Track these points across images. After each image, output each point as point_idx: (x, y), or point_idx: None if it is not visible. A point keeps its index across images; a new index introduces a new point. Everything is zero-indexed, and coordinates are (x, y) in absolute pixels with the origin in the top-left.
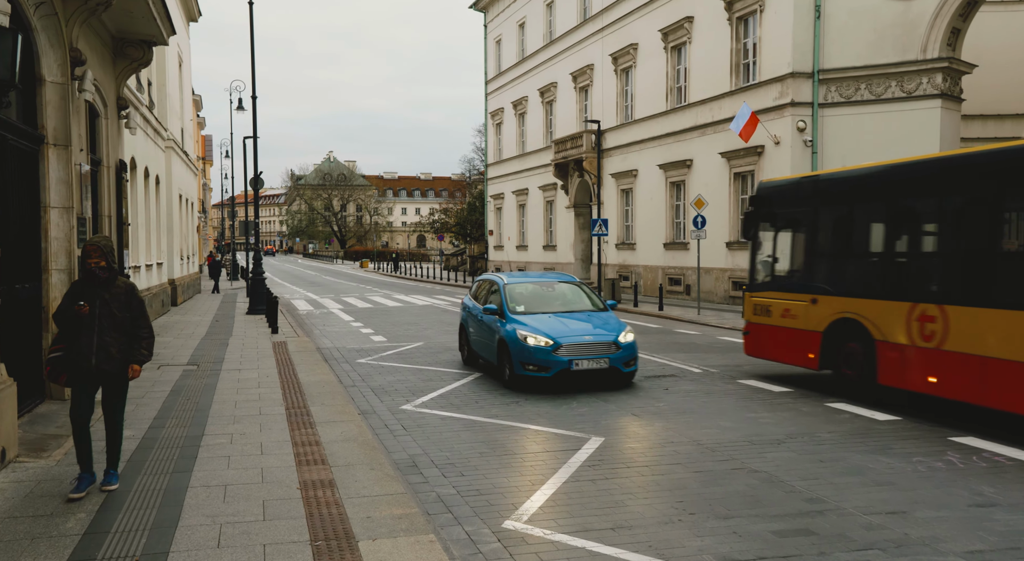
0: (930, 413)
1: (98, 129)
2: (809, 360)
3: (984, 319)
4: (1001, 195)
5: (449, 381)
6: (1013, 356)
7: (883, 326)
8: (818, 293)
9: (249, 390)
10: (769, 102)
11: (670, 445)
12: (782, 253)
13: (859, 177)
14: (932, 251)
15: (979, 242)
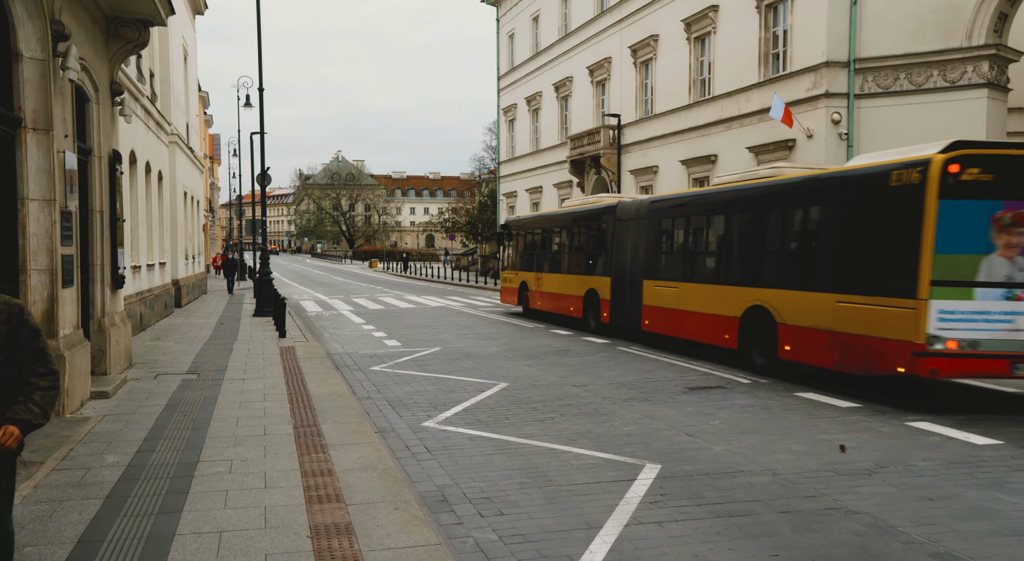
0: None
1: (88, 115)
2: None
3: (669, 291)
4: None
5: (473, 392)
6: (694, 306)
7: (627, 288)
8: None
9: (253, 404)
10: (801, 93)
11: (741, 475)
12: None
13: (692, 199)
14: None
15: (633, 248)
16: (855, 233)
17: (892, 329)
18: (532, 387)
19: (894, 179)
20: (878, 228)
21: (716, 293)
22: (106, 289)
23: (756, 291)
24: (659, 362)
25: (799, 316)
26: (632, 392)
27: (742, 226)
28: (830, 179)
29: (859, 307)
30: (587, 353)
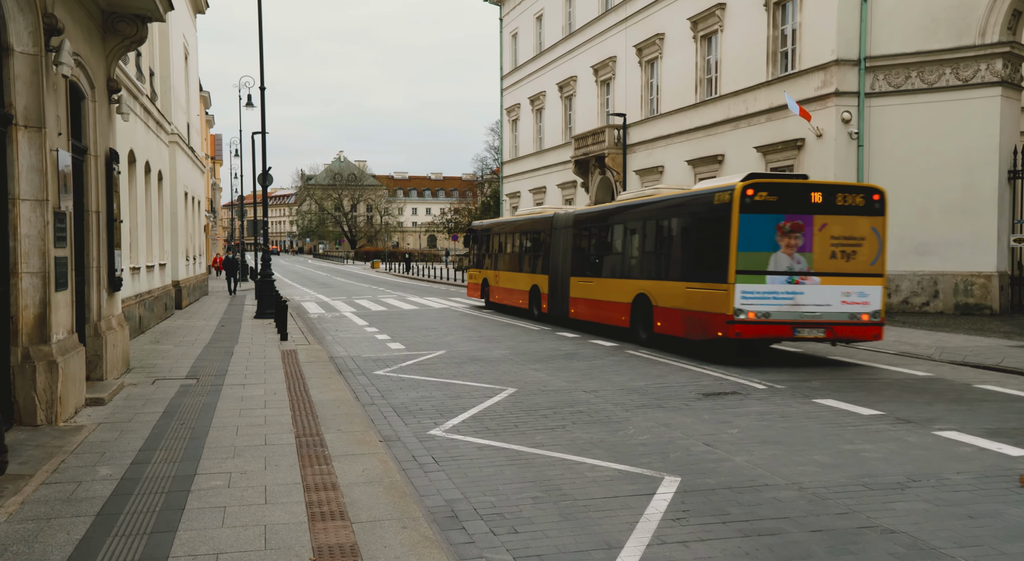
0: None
1: (84, 113)
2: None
3: (587, 284)
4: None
5: (480, 398)
6: (602, 296)
7: (553, 286)
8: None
9: (254, 411)
10: (811, 92)
11: (766, 489)
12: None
13: (599, 212)
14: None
15: (565, 251)
16: (695, 238)
17: (715, 305)
18: (541, 393)
19: (716, 200)
20: (707, 234)
21: (616, 285)
22: (102, 292)
23: (640, 283)
24: (670, 366)
25: (666, 300)
26: (644, 398)
27: (630, 233)
28: (679, 198)
29: (697, 291)
30: (595, 357)
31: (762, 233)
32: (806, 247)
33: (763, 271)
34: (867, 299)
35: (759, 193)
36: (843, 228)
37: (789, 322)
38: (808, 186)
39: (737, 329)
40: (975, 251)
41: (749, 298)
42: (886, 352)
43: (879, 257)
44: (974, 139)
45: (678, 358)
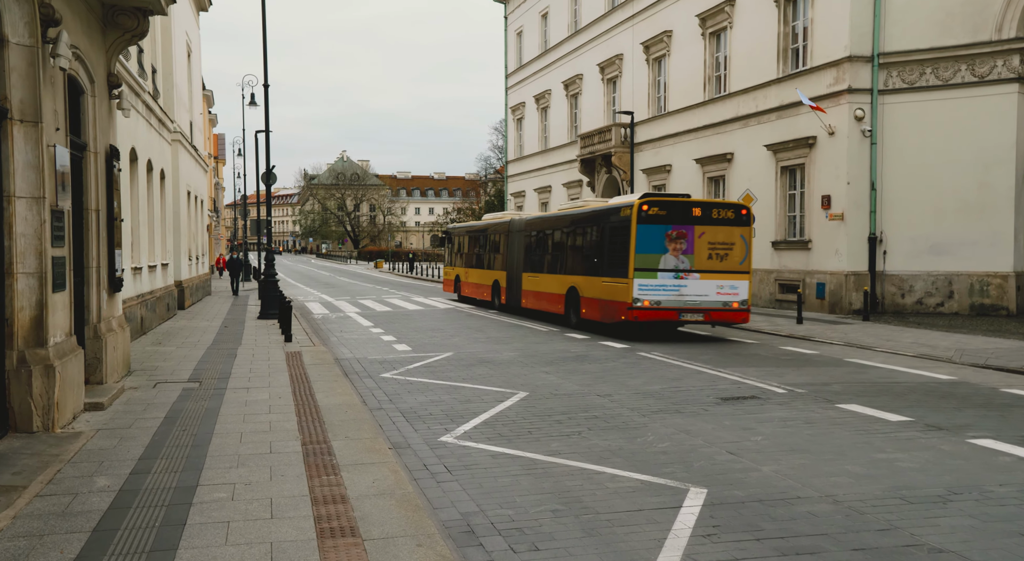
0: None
1: (83, 109)
2: (490, 295)
3: (551, 278)
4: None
5: (491, 402)
6: (545, 289)
7: (509, 281)
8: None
9: (258, 417)
10: (823, 89)
11: (799, 502)
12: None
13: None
14: (504, 252)
15: (523, 250)
16: (607, 242)
17: (620, 295)
18: (553, 397)
19: (621, 213)
20: (615, 239)
21: (555, 280)
22: (102, 293)
23: (571, 277)
24: (685, 369)
25: (588, 291)
26: (661, 403)
27: (565, 237)
28: (597, 210)
29: (608, 284)
30: (607, 359)
31: (654, 239)
32: (688, 250)
33: (655, 269)
34: (737, 291)
35: (652, 208)
36: (717, 236)
37: (676, 308)
38: (690, 203)
39: (636, 314)
40: (991, 251)
41: (644, 289)
42: (904, 354)
43: (746, 258)
44: (990, 136)
45: (691, 361)
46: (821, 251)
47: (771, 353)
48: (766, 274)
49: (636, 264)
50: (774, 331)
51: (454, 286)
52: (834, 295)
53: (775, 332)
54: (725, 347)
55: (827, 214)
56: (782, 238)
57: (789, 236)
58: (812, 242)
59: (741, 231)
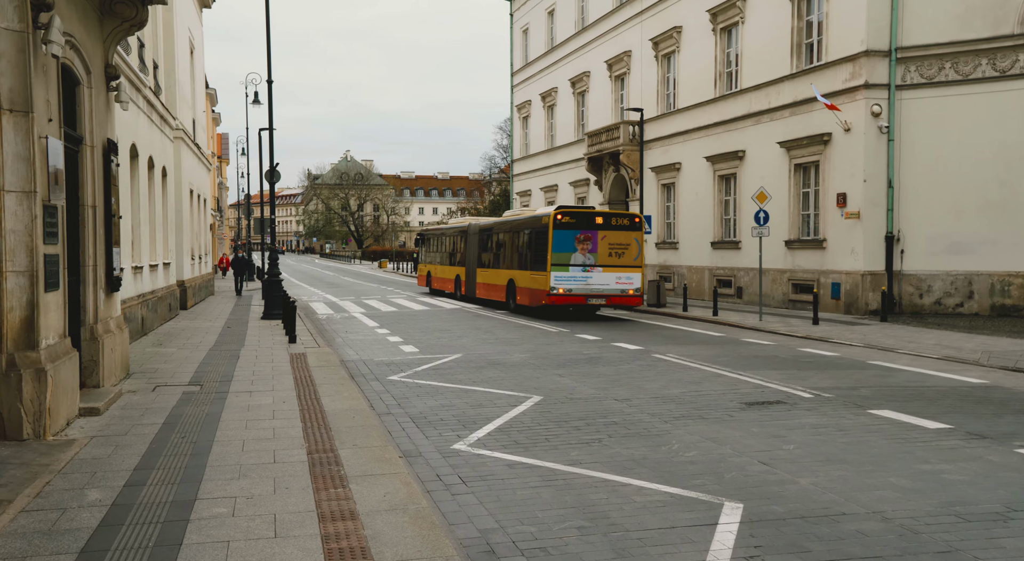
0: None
1: (79, 100)
2: (452, 287)
3: (493, 272)
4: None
5: (504, 407)
6: (492, 281)
7: (467, 275)
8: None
9: (261, 423)
10: (838, 85)
11: (845, 520)
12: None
13: (488, 225)
14: (462, 252)
15: (477, 250)
16: (533, 244)
17: (542, 285)
18: (569, 401)
19: (543, 220)
20: (537, 241)
21: (499, 273)
22: (99, 292)
23: (510, 271)
24: (703, 372)
25: (521, 282)
26: (682, 408)
27: (505, 240)
28: (526, 218)
29: (535, 276)
30: (621, 361)
31: (567, 241)
32: (593, 250)
33: (567, 264)
34: (632, 281)
35: (564, 217)
36: (616, 238)
37: (584, 294)
38: (594, 213)
39: (552, 299)
40: (1013, 249)
41: (559, 280)
42: (929, 357)
43: (639, 256)
44: (1011, 132)
45: (709, 363)
46: (836, 250)
47: (790, 355)
48: (779, 274)
49: (553, 261)
50: (790, 332)
51: (426, 280)
52: (850, 295)
53: (791, 333)
54: (742, 349)
55: (843, 213)
56: (795, 237)
57: (803, 235)
58: (827, 241)
59: (635, 235)
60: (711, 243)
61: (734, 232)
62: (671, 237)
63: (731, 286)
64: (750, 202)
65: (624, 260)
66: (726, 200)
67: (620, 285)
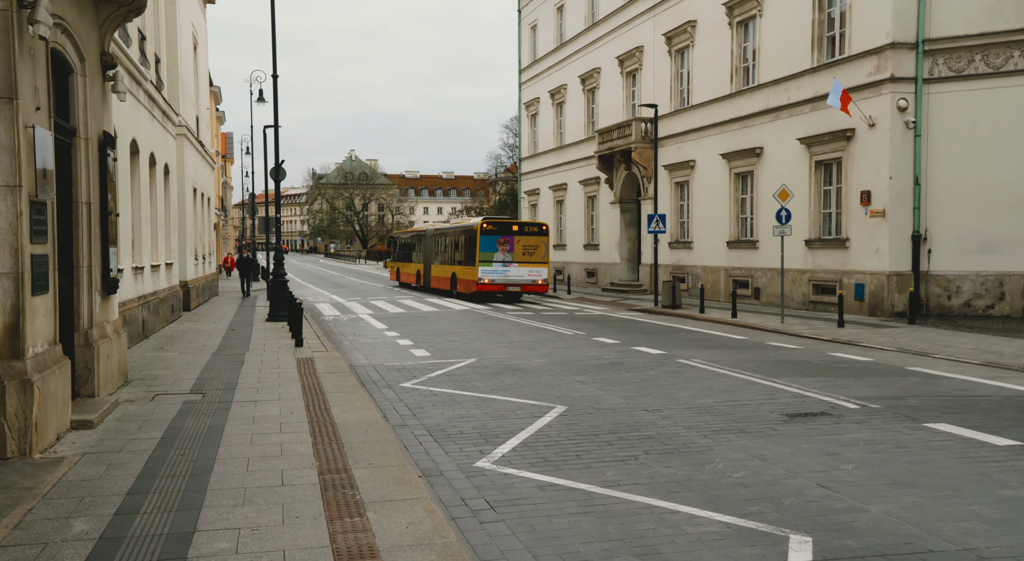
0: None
1: (72, 90)
2: (415, 280)
3: (439, 268)
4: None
5: (527, 418)
6: (441, 275)
7: (424, 270)
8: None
9: (268, 437)
10: (862, 78)
11: (933, 558)
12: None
13: (437, 230)
14: (421, 252)
15: (432, 251)
16: (467, 246)
17: (472, 277)
18: (596, 412)
19: (473, 228)
20: (469, 244)
21: (446, 268)
22: (95, 295)
23: (453, 267)
24: (735, 379)
25: (461, 275)
26: (720, 420)
27: (449, 242)
28: (464, 226)
29: (469, 269)
30: (644, 366)
31: (491, 243)
32: (511, 250)
33: (491, 261)
34: (540, 274)
35: (489, 225)
36: (529, 241)
37: (504, 283)
38: (511, 222)
39: (480, 287)
40: None
41: (485, 273)
42: (969, 362)
43: (546, 254)
44: None
45: (738, 369)
46: (860, 250)
47: (822, 361)
48: (799, 274)
49: (480, 258)
50: (815, 335)
51: (396, 275)
52: (874, 296)
53: (816, 336)
54: (769, 353)
55: (867, 211)
56: (816, 236)
57: (824, 234)
58: (850, 240)
59: (543, 239)
60: (727, 242)
61: (751, 231)
62: (685, 236)
63: (748, 287)
64: (768, 200)
65: (535, 258)
66: (742, 198)
67: (531, 276)
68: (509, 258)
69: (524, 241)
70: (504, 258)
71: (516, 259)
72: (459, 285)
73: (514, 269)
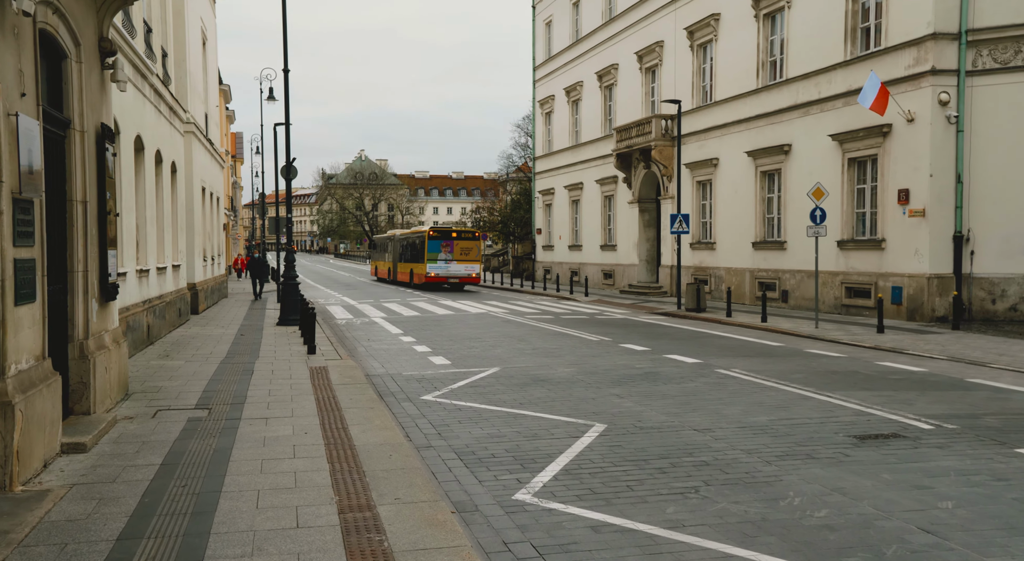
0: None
1: (66, 76)
2: (387, 275)
3: (402, 265)
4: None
5: (564, 438)
6: (404, 270)
7: (392, 267)
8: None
9: (280, 464)
10: (900, 71)
11: None
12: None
13: (401, 235)
14: (391, 253)
15: (397, 252)
16: (419, 248)
17: (422, 271)
18: (640, 431)
19: (423, 234)
20: (419, 247)
21: (407, 265)
22: (91, 302)
23: (410, 264)
24: (785, 393)
25: (416, 270)
26: (780, 442)
27: (407, 245)
28: (418, 233)
29: (418, 265)
30: (682, 377)
31: (436, 246)
32: (451, 251)
33: (436, 259)
34: (474, 269)
35: (434, 233)
36: (464, 244)
37: (446, 276)
38: (451, 230)
39: (427, 279)
40: None
41: (431, 268)
42: None
43: (479, 254)
44: None
45: (784, 381)
46: (897, 251)
47: (871, 370)
48: (830, 276)
49: (428, 257)
50: (854, 342)
51: (374, 271)
52: (913, 300)
53: (856, 343)
54: (812, 362)
55: (905, 210)
56: (849, 237)
57: (857, 235)
58: (886, 241)
59: (476, 243)
60: (752, 243)
61: (778, 231)
62: (707, 237)
63: (775, 289)
64: (796, 199)
65: (469, 257)
66: (769, 197)
67: (467, 271)
68: (450, 257)
69: (461, 244)
70: (446, 257)
71: (455, 258)
72: (415, 278)
73: (453, 266)
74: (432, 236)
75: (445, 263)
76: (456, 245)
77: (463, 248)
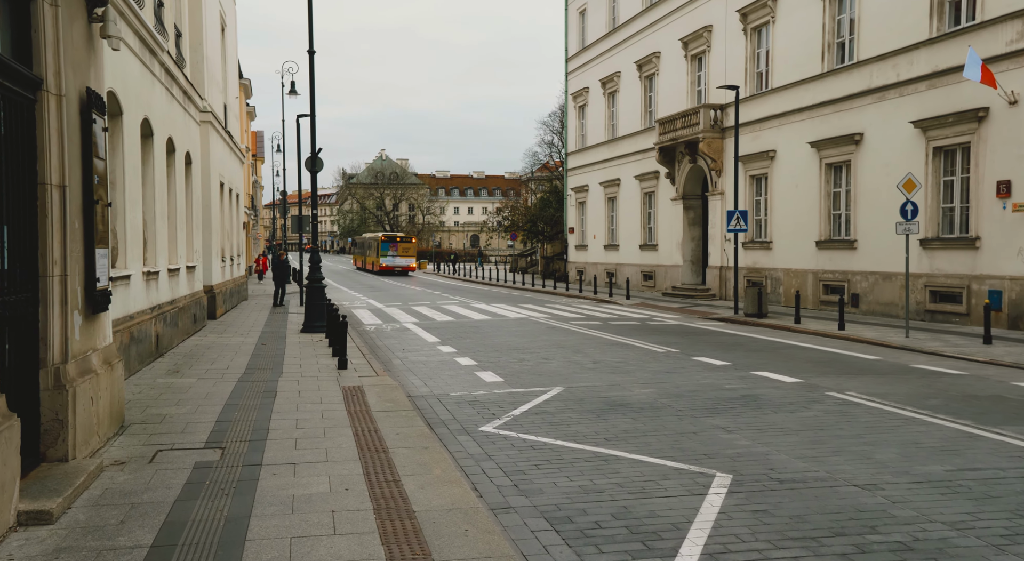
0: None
1: (35, 23)
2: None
3: (369, 258)
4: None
5: (681, 494)
6: (369, 262)
7: (364, 260)
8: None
9: (317, 548)
10: (1000, 47)
11: None
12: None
13: (371, 236)
14: (364, 249)
15: (367, 249)
16: (377, 248)
17: (376, 262)
18: (781, 487)
19: (378, 237)
20: (375, 247)
21: (371, 259)
22: (72, 315)
23: (373, 257)
24: (939, 427)
25: (376, 261)
26: (986, 508)
27: (371, 244)
28: (375, 236)
29: (376, 258)
30: (790, 404)
31: (387, 246)
32: (395, 249)
33: (387, 254)
34: (411, 261)
35: (385, 237)
36: (404, 245)
37: (393, 266)
38: (396, 234)
39: (381, 268)
40: None
41: (384, 260)
42: None
43: (413, 251)
44: None
45: (924, 410)
46: (995, 250)
47: (1017, 395)
48: (912, 279)
49: (380, 253)
50: (961, 354)
51: (354, 262)
52: (1016, 306)
53: (964, 356)
54: (933, 382)
55: (1006, 204)
56: (935, 235)
57: (943, 232)
58: (980, 240)
59: (410, 244)
60: (815, 242)
61: (847, 229)
62: (762, 235)
63: (844, 293)
64: (868, 193)
65: (408, 254)
66: (835, 192)
67: (406, 262)
68: (396, 253)
69: (402, 245)
70: (393, 253)
71: (399, 254)
72: (374, 267)
73: (397, 259)
74: (383, 239)
75: (392, 257)
76: (399, 245)
77: (403, 247)
